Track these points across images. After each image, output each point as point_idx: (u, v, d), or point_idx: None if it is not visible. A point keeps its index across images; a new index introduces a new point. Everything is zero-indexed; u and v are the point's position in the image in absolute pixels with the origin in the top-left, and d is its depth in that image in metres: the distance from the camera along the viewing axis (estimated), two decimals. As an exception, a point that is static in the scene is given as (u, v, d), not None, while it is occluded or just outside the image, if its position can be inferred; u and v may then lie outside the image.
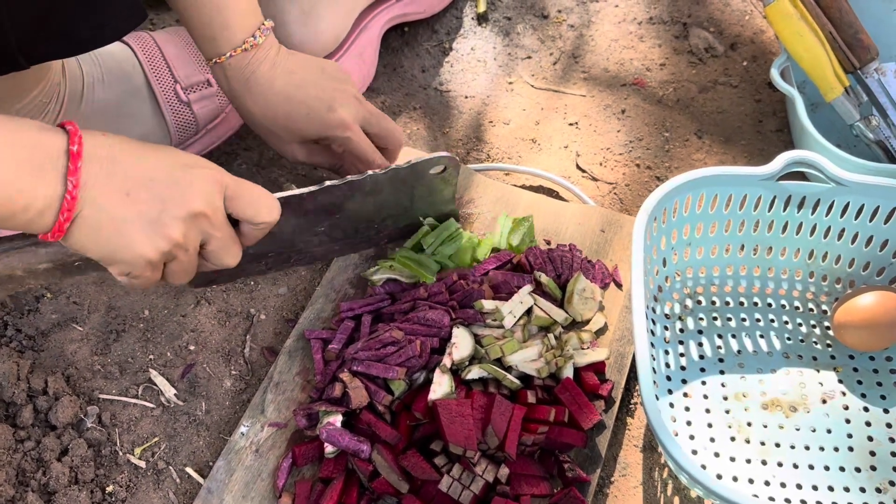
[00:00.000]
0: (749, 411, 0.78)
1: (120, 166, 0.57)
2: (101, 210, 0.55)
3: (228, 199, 0.62)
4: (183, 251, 0.60)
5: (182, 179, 0.59)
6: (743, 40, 1.10)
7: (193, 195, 0.59)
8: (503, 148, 1.00)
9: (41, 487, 0.72)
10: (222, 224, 0.62)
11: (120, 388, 0.80)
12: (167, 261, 0.61)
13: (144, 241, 0.57)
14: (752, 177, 0.79)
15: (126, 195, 0.56)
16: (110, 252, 0.57)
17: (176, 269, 0.62)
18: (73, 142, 0.54)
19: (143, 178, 0.57)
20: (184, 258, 0.61)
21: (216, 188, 0.61)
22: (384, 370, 0.73)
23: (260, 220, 0.65)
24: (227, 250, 0.64)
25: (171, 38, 0.94)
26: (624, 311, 0.83)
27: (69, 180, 0.53)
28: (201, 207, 0.59)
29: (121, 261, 0.58)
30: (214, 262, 0.64)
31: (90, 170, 0.55)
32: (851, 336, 0.81)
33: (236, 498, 0.71)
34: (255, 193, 0.64)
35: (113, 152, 0.57)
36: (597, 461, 0.73)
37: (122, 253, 0.57)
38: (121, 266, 0.59)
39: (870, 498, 0.74)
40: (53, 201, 0.54)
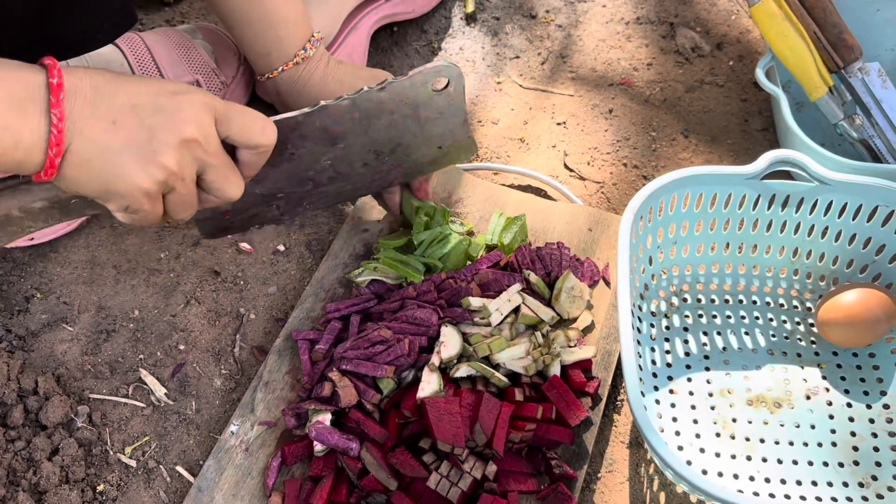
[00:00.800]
0: (734, 408, 0.79)
1: (103, 96, 0.55)
2: (89, 142, 0.54)
3: (219, 122, 0.60)
4: (179, 180, 0.59)
5: (168, 105, 0.57)
6: (729, 40, 1.11)
7: (182, 120, 0.57)
8: (492, 147, 1.01)
9: (32, 487, 0.72)
10: (216, 150, 0.61)
11: (110, 387, 0.81)
12: (165, 192, 0.59)
13: (137, 170, 0.56)
14: (737, 176, 0.80)
15: (112, 124, 0.55)
16: (104, 184, 0.56)
17: (176, 201, 0.60)
18: (52, 75, 0.53)
19: (128, 106, 0.56)
20: (182, 189, 0.60)
21: (206, 112, 0.59)
22: (373, 369, 0.73)
23: (255, 142, 0.63)
24: (226, 179, 0.62)
25: (159, 38, 0.95)
26: (611, 308, 0.84)
27: (52, 113, 0.53)
28: (192, 133, 0.58)
29: (116, 193, 0.57)
30: (216, 195, 0.63)
31: (74, 102, 0.54)
32: (835, 333, 0.82)
33: (226, 496, 0.72)
34: (248, 116, 0.63)
35: (95, 83, 0.56)
36: (584, 457, 0.74)
37: (117, 184, 0.56)
38: (118, 200, 0.57)
39: (852, 492, 0.75)
40: (40, 137, 0.53)
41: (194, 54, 0.95)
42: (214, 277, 0.88)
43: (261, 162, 0.65)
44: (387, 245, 0.86)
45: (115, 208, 0.59)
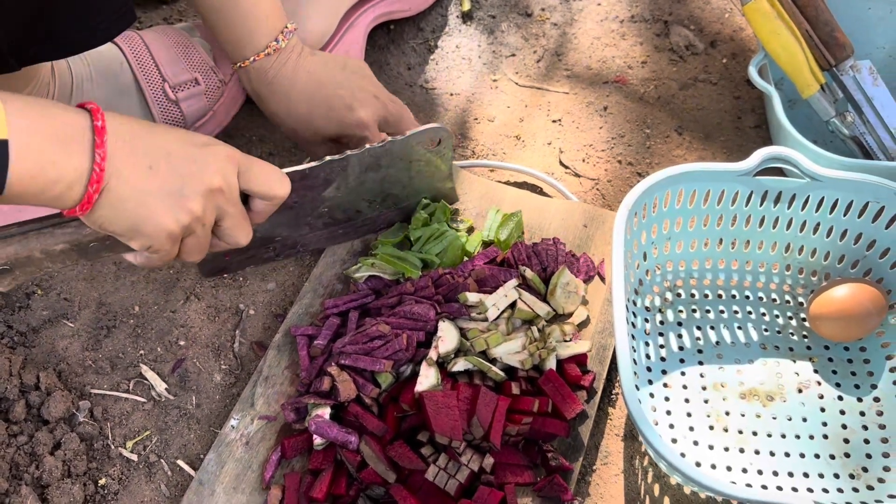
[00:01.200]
0: (727, 401, 0.81)
1: (140, 142, 0.59)
2: (125, 182, 0.58)
3: (241, 175, 0.65)
4: (200, 225, 0.63)
5: (199, 156, 0.62)
6: (723, 38, 1.12)
7: (211, 171, 0.62)
8: (488, 145, 1.02)
9: (35, 481, 0.73)
10: (236, 200, 0.65)
11: (111, 383, 0.81)
12: (185, 235, 0.63)
13: (166, 214, 0.60)
14: (730, 172, 0.81)
15: (148, 168, 0.59)
16: (133, 224, 0.60)
17: (192, 244, 0.64)
18: (96, 118, 0.57)
19: (163, 153, 0.60)
20: (200, 233, 0.64)
21: (231, 165, 0.64)
22: (371, 363, 0.74)
23: (272, 195, 0.67)
24: (240, 227, 0.67)
25: (158, 36, 0.95)
26: (606, 304, 0.85)
27: (97, 153, 0.56)
28: (218, 183, 0.62)
29: (143, 234, 0.60)
30: (227, 240, 0.67)
31: (114, 145, 0.57)
32: (827, 327, 0.83)
33: (227, 489, 0.73)
34: (266, 169, 0.67)
35: (133, 129, 0.60)
36: (579, 450, 0.75)
37: (145, 225, 0.60)
38: (142, 240, 0.61)
39: (843, 484, 0.76)
40: (82, 174, 0.56)
41: (193, 52, 0.96)
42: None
43: (271, 211, 0.69)
44: (384, 241, 0.87)
45: (138, 247, 0.62)
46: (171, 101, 0.93)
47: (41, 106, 0.56)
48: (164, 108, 0.93)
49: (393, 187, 0.84)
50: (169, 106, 0.93)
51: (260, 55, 0.81)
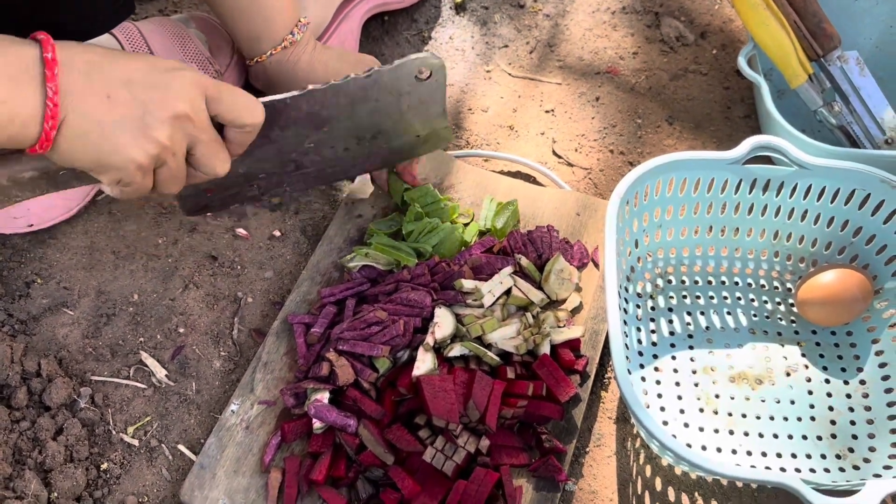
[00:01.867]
0: (717, 384, 0.82)
1: (97, 71, 0.57)
2: (84, 116, 0.56)
3: (210, 100, 0.62)
4: (171, 154, 0.60)
5: (161, 81, 0.59)
6: (713, 29, 1.14)
7: (175, 97, 0.59)
8: (482, 135, 1.03)
9: (38, 466, 0.75)
10: (206, 126, 0.62)
11: (112, 369, 0.83)
12: (157, 166, 0.61)
13: (131, 144, 0.57)
14: (720, 161, 0.82)
15: (107, 98, 0.56)
16: (98, 158, 0.57)
17: (166, 175, 0.62)
18: (46, 49, 0.54)
19: (122, 81, 0.57)
20: (172, 163, 0.61)
21: (197, 90, 0.61)
22: (369, 348, 0.76)
23: (243, 122, 0.64)
24: (214, 155, 0.64)
25: (155, 28, 0.96)
26: (598, 290, 0.86)
27: (48, 87, 0.54)
28: (184, 109, 0.59)
29: (110, 166, 0.58)
30: (204, 170, 0.64)
31: (68, 77, 0.55)
32: (814, 312, 0.85)
33: (228, 473, 0.74)
34: (236, 95, 0.64)
35: (89, 58, 0.57)
36: (573, 432, 0.77)
37: (111, 157, 0.58)
38: (111, 173, 0.59)
39: (830, 464, 0.78)
40: (36, 110, 0.54)
41: (189, 43, 0.97)
42: (212, 262, 0.90)
43: (248, 141, 0.66)
44: (378, 231, 0.88)
45: (107, 181, 0.60)
46: (168, 91, 0.94)
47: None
48: (162, 99, 0.94)
49: (383, 122, 0.80)
50: (166, 96, 0.94)
51: (277, 49, 0.80)
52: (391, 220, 0.90)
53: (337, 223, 0.90)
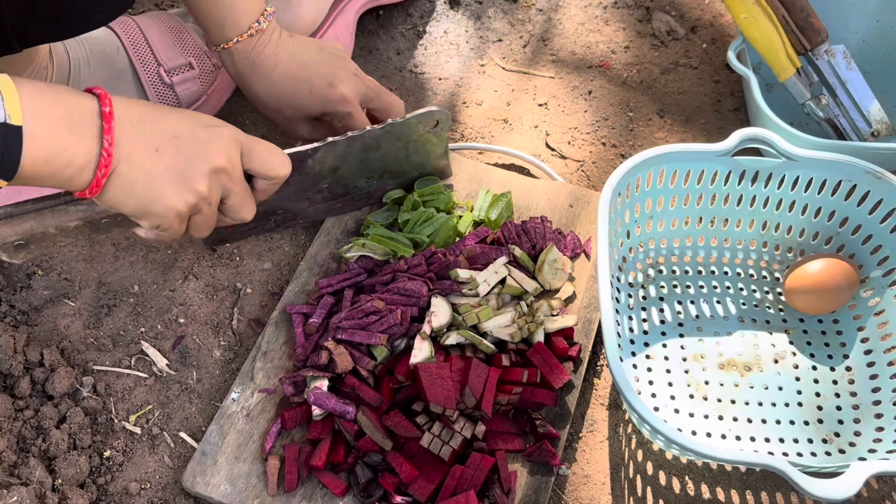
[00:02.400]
0: (707, 371, 0.84)
1: (148, 125, 0.61)
2: (134, 166, 0.60)
3: (244, 155, 0.67)
4: (206, 204, 0.65)
5: (204, 137, 0.64)
6: (703, 23, 1.16)
7: (215, 151, 0.64)
8: (476, 128, 1.05)
9: (42, 453, 0.76)
10: (240, 179, 0.67)
11: (113, 359, 0.84)
12: (192, 213, 0.66)
13: (174, 194, 0.62)
14: (709, 153, 0.84)
15: (155, 151, 0.61)
16: (143, 205, 0.62)
17: (199, 222, 0.67)
18: (104, 104, 0.59)
19: (169, 136, 0.62)
20: (207, 211, 0.66)
21: (234, 145, 0.66)
22: (367, 337, 0.77)
23: (274, 175, 0.70)
24: (244, 204, 0.69)
25: (153, 22, 0.97)
26: (591, 280, 0.88)
27: (105, 138, 0.58)
28: (223, 163, 0.64)
29: (152, 214, 0.63)
30: (233, 216, 0.70)
31: (122, 129, 0.59)
32: (801, 300, 0.87)
33: (229, 459, 0.76)
34: (268, 150, 0.70)
35: (141, 112, 0.62)
36: (566, 418, 0.79)
37: (154, 205, 0.62)
38: (152, 219, 0.63)
39: (817, 448, 0.80)
40: (91, 158, 0.58)
41: (186, 37, 0.98)
42: (211, 254, 0.91)
43: (274, 190, 0.72)
44: (375, 223, 0.89)
45: (148, 226, 0.64)
46: (165, 84, 0.95)
47: (52, 91, 0.58)
48: (160, 92, 0.95)
49: (391, 164, 0.88)
50: (164, 90, 0.95)
51: (243, 36, 0.82)
52: (387, 212, 0.92)
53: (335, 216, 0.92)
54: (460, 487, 0.72)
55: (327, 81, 0.85)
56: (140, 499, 0.76)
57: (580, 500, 0.77)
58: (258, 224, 0.88)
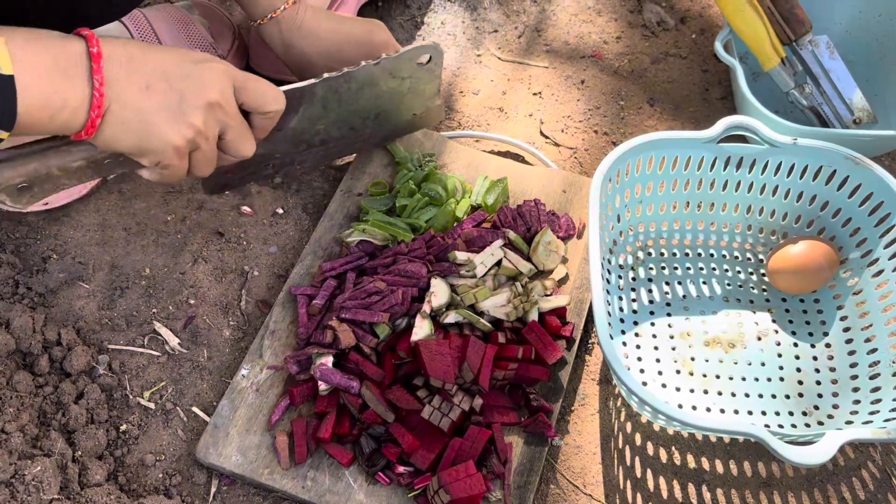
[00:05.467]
0: (693, 348, 0.89)
1: (137, 63, 0.62)
2: (126, 104, 0.61)
3: (238, 90, 0.68)
4: (204, 139, 0.66)
5: (195, 72, 0.65)
6: (692, 14, 1.19)
7: (207, 86, 0.65)
8: (473, 116, 1.09)
9: (62, 427, 0.80)
10: (235, 113, 0.69)
11: (127, 338, 0.88)
12: (191, 150, 0.67)
13: (170, 129, 0.63)
14: (696, 140, 0.88)
15: (146, 88, 0.62)
16: (139, 142, 0.63)
17: (200, 158, 0.68)
18: (91, 44, 0.60)
19: (159, 73, 0.63)
20: (206, 146, 0.67)
21: (226, 80, 0.67)
22: (370, 315, 0.81)
23: (268, 109, 0.71)
24: (242, 139, 0.70)
25: (161, 15, 1.01)
26: (583, 262, 0.92)
27: (94, 79, 0.59)
28: (216, 97, 0.65)
29: (150, 150, 0.64)
30: (233, 153, 0.71)
31: (111, 69, 0.60)
32: (784, 281, 0.91)
33: (240, 432, 0.80)
34: (261, 85, 0.71)
35: (129, 51, 0.62)
36: (559, 392, 0.83)
37: (151, 141, 0.63)
38: (151, 156, 0.64)
39: (797, 420, 0.84)
40: (84, 100, 0.59)
41: (193, 29, 1.02)
42: (219, 238, 0.95)
43: (271, 126, 0.73)
44: (372, 209, 0.93)
45: (148, 164, 0.66)
46: (173, 75, 0.99)
47: (39, 37, 0.58)
48: (168, 83, 0.99)
49: (385, 104, 0.89)
50: (172, 80, 0.99)
51: (289, 3, 0.86)
52: (385, 199, 0.95)
53: (337, 200, 0.96)
54: (459, 458, 0.76)
55: (367, 30, 0.89)
56: (155, 470, 0.80)
57: (572, 469, 0.82)
58: (256, 169, 0.88)
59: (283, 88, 0.75)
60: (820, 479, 0.82)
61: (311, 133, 0.86)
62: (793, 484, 0.82)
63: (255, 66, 1.08)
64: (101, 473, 0.78)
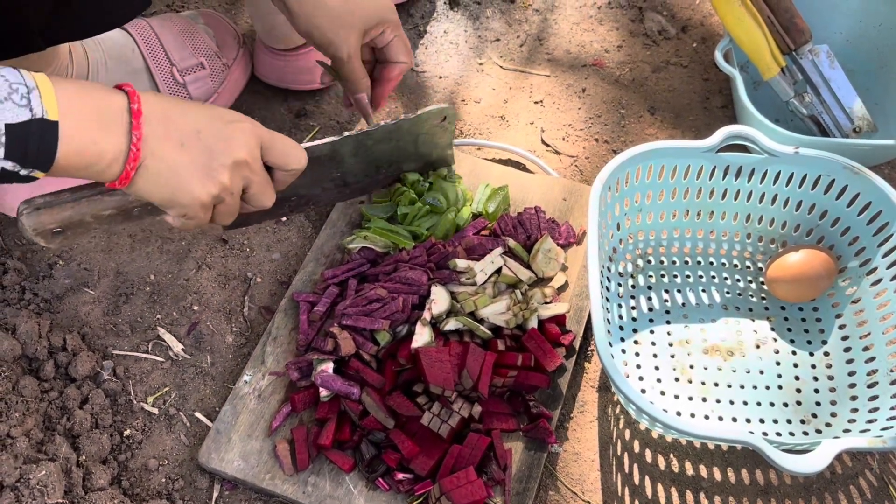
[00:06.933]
0: (692, 356, 0.89)
1: (173, 121, 0.65)
2: (160, 160, 0.64)
3: (264, 149, 0.71)
4: (229, 194, 0.69)
5: (225, 132, 0.68)
6: (693, 23, 1.20)
7: (237, 146, 0.68)
8: (475, 124, 1.10)
9: (66, 431, 0.81)
10: (260, 170, 0.71)
11: (131, 344, 0.89)
12: (216, 203, 0.70)
13: (198, 186, 0.66)
14: (695, 149, 0.89)
15: (181, 146, 0.65)
16: (169, 196, 0.66)
17: (223, 211, 0.71)
18: (133, 101, 0.63)
19: (193, 131, 0.66)
20: (230, 200, 0.70)
21: (254, 140, 0.70)
22: (371, 322, 0.82)
23: (290, 168, 0.74)
24: (264, 193, 0.73)
25: (166, 24, 1.02)
26: (583, 270, 0.93)
27: (133, 134, 0.62)
28: (244, 156, 0.68)
29: (179, 204, 0.67)
30: (254, 204, 0.74)
31: (149, 125, 0.63)
32: (782, 289, 0.91)
33: (242, 437, 0.81)
34: (286, 144, 0.74)
35: (166, 109, 0.65)
36: (558, 400, 0.84)
37: (180, 196, 0.66)
38: (178, 209, 0.67)
39: (795, 428, 0.85)
40: (120, 152, 0.62)
41: (198, 38, 1.03)
42: (222, 245, 0.96)
43: (291, 180, 0.76)
44: (374, 216, 0.94)
45: (175, 215, 0.69)
46: (178, 83, 1.00)
47: (85, 88, 0.62)
48: (173, 91, 1.00)
49: (400, 155, 0.93)
50: (177, 88, 1.00)
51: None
52: (386, 207, 0.96)
53: (339, 208, 0.97)
54: (459, 465, 0.77)
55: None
56: (158, 474, 0.81)
57: (571, 476, 0.83)
58: (274, 210, 0.90)
59: (305, 146, 0.80)
60: (817, 488, 0.83)
61: (327, 181, 0.90)
62: (790, 492, 0.82)
63: (260, 75, 1.09)
64: (104, 478, 0.79)
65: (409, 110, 1.10)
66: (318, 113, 1.10)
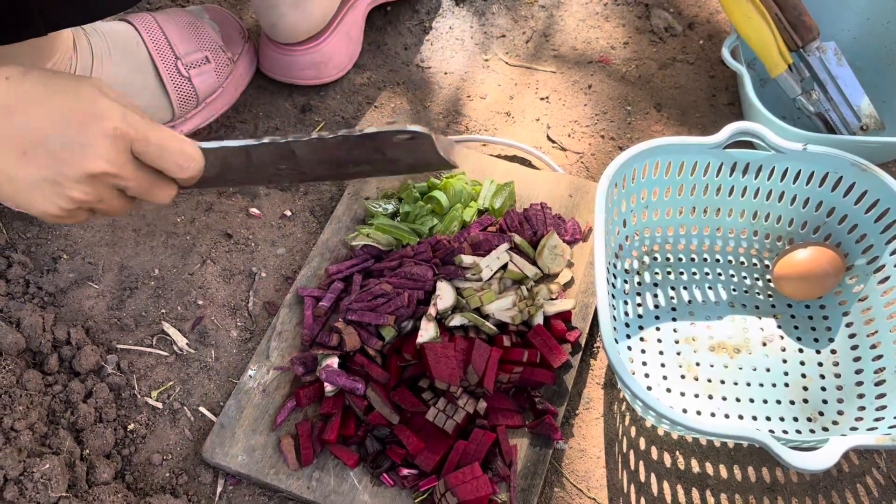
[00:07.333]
0: (698, 353, 0.89)
1: (15, 121, 0.56)
2: None
3: (136, 153, 0.60)
4: (96, 202, 0.60)
5: (76, 140, 0.57)
6: (700, 20, 1.20)
7: (91, 156, 0.58)
8: (480, 121, 1.09)
9: (70, 425, 0.81)
10: (132, 174, 0.60)
11: (136, 338, 0.89)
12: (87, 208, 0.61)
13: (44, 201, 0.58)
14: (702, 145, 0.88)
15: (22, 154, 0.56)
16: (18, 205, 0.58)
17: (104, 211, 0.62)
18: None
19: (38, 138, 0.56)
20: (103, 206, 0.61)
21: (118, 144, 0.59)
22: (376, 318, 0.82)
23: (172, 175, 0.62)
24: (149, 193, 0.62)
25: (171, 18, 1.02)
26: (589, 266, 0.93)
27: None
28: (100, 168, 0.58)
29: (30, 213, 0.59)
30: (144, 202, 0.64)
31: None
32: (789, 287, 0.91)
33: (246, 432, 0.80)
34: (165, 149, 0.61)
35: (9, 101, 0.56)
36: (564, 396, 0.84)
37: (28, 208, 0.59)
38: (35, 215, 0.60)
39: (801, 426, 0.84)
40: None
41: (203, 33, 1.03)
42: (227, 240, 0.96)
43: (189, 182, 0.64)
44: (376, 212, 0.94)
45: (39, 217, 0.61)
46: (184, 77, 1.00)
47: None
48: (178, 84, 1.00)
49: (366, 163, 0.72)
50: (182, 82, 1.00)
51: None
52: (391, 203, 0.96)
53: (344, 204, 0.96)
54: (463, 461, 0.77)
55: None
56: (162, 469, 0.81)
57: (576, 473, 0.82)
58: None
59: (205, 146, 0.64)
60: (824, 486, 0.82)
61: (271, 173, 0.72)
62: (797, 490, 0.82)
63: (265, 70, 1.09)
64: (108, 472, 0.78)
65: (415, 107, 1.10)
66: (322, 108, 1.09)
